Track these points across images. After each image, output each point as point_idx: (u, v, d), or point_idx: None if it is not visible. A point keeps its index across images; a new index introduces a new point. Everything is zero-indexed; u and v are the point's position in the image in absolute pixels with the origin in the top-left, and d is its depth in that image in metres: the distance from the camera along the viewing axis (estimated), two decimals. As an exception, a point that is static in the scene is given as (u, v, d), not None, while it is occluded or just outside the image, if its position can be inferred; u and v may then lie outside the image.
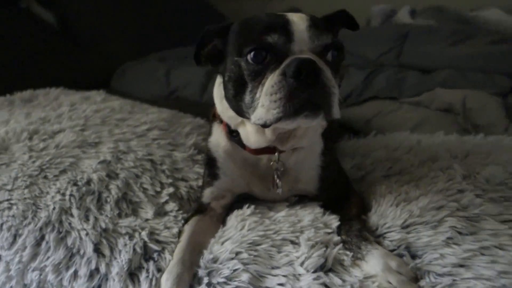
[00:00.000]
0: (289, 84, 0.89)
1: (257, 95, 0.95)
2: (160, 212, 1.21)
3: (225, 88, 1.05)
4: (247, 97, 0.97)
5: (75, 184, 1.24)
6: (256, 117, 0.95)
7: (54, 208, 1.16)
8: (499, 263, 0.90)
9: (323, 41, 0.97)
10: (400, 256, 0.97)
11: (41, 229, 1.11)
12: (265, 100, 0.92)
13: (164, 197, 1.26)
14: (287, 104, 0.90)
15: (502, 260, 0.90)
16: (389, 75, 2.10)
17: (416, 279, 0.91)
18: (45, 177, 1.28)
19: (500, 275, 0.88)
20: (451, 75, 2.02)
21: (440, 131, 1.59)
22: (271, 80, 0.92)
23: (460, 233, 0.98)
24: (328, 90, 0.91)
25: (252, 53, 0.95)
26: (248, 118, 0.99)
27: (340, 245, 1.00)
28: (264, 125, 0.95)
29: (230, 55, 1.02)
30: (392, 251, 0.99)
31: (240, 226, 1.09)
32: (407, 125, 1.79)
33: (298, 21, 0.97)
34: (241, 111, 1.01)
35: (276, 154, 1.12)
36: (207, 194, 1.20)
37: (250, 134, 1.09)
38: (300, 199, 1.22)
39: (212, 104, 1.20)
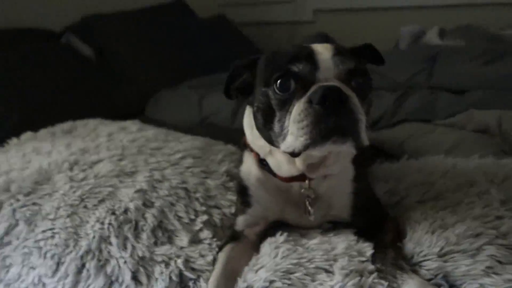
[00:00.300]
0: (315, 111, 0.91)
1: (286, 123, 0.97)
2: (195, 240, 1.23)
3: (255, 118, 1.08)
4: (276, 126, 1.00)
5: (113, 213, 1.28)
6: (286, 145, 0.97)
7: (94, 237, 1.20)
8: (543, 294, 0.87)
9: (347, 66, 0.98)
10: (438, 285, 0.94)
11: (82, 257, 1.16)
12: (293, 127, 0.94)
13: (198, 224, 1.28)
14: (314, 130, 0.91)
15: (546, 290, 0.87)
16: (420, 97, 2.08)
17: (455, 310, 0.89)
18: (85, 206, 1.33)
19: (545, 307, 0.84)
20: (485, 95, 1.99)
21: (475, 154, 1.55)
22: (298, 107, 0.94)
23: (500, 262, 0.95)
24: (355, 116, 0.92)
25: (278, 82, 0.98)
26: (279, 147, 1.01)
27: (375, 274, 0.99)
28: (293, 154, 0.97)
29: (258, 87, 1.06)
30: (429, 280, 0.96)
31: (273, 253, 1.09)
32: (442, 147, 1.75)
33: (323, 50, 1.00)
34: (272, 140, 1.03)
35: (306, 181, 1.13)
36: (241, 222, 1.22)
37: (280, 163, 1.11)
38: (333, 226, 1.22)
39: (242, 132, 1.23)
